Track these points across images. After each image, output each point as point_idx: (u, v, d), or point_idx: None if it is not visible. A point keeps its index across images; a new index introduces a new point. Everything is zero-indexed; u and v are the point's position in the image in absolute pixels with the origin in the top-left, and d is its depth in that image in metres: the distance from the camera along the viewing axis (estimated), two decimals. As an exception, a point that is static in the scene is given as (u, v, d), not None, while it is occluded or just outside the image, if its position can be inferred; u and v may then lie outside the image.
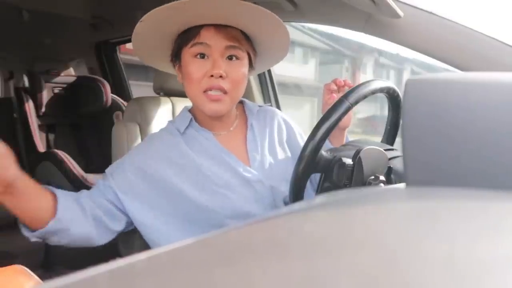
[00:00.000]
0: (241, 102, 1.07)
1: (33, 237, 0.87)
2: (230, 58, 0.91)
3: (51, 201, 0.87)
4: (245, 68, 0.95)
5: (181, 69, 0.96)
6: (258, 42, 0.98)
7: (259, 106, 1.10)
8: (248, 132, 1.02)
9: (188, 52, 0.92)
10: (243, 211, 0.93)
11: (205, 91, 0.90)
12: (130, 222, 0.96)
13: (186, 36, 0.92)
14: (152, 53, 1.01)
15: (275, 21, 0.92)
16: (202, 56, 0.90)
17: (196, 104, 0.95)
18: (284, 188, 0.97)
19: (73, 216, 0.88)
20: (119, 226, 0.95)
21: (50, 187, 0.90)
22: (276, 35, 0.97)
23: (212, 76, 0.89)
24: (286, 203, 0.98)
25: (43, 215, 0.85)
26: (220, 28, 0.90)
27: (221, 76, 0.89)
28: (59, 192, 0.90)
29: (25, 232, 0.87)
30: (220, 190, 0.93)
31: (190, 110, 1.03)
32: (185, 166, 0.94)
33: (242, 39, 0.93)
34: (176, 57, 0.96)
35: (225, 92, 0.91)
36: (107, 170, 0.98)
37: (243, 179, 0.95)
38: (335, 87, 1.05)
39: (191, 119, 0.98)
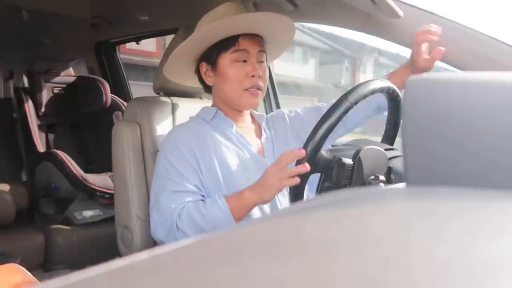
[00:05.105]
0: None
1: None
2: (260, 61, 1.09)
3: None
4: (267, 68, 1.13)
5: (214, 72, 1.10)
6: (267, 45, 1.15)
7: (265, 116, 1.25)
8: (263, 132, 1.18)
9: (228, 58, 1.08)
10: None
11: (246, 89, 1.07)
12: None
13: (226, 44, 1.08)
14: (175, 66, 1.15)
15: (291, 27, 1.13)
16: (244, 60, 1.07)
17: (234, 100, 1.10)
18: None
19: None
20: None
21: None
22: (284, 37, 1.16)
23: (253, 76, 1.06)
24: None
25: None
26: (253, 36, 1.08)
27: (259, 76, 1.07)
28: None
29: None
30: (239, 171, 1.06)
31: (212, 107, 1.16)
32: (211, 148, 1.07)
33: (263, 44, 1.11)
34: (212, 63, 1.10)
35: (259, 89, 1.08)
36: (162, 157, 1.07)
37: (259, 163, 1.09)
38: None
39: (216, 111, 1.12)
